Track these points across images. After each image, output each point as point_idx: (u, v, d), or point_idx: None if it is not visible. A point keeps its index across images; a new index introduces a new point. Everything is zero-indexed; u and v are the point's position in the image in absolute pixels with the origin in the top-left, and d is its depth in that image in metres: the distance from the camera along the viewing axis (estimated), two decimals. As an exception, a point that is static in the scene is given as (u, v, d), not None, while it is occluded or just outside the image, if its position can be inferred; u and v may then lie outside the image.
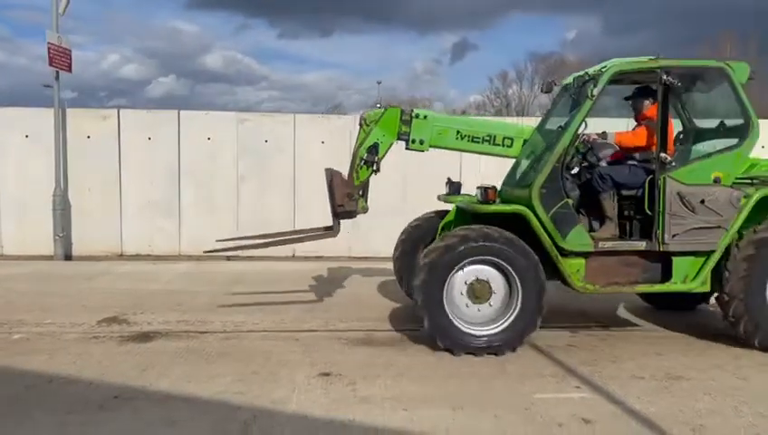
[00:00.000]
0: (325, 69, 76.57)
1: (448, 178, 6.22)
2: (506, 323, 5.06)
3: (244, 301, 7.09)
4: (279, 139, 10.68)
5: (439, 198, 6.30)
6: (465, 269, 5.07)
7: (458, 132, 5.77)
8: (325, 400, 4.08)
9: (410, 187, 10.28)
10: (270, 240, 6.56)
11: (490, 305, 5.12)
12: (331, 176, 5.79)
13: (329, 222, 8.90)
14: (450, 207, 6.27)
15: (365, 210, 5.96)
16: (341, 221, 5.99)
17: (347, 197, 5.75)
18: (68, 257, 10.39)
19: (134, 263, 10.01)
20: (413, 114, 5.75)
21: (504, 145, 5.79)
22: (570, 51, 49.41)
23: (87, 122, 10.52)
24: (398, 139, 5.81)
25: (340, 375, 4.56)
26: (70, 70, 10.45)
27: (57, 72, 10.21)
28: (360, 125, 5.83)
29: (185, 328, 5.88)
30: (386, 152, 5.80)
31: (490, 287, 5.11)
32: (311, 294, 7.56)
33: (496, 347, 5.03)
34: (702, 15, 50.47)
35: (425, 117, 5.78)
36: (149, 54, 63.24)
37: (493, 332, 5.05)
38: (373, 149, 5.71)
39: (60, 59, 10.14)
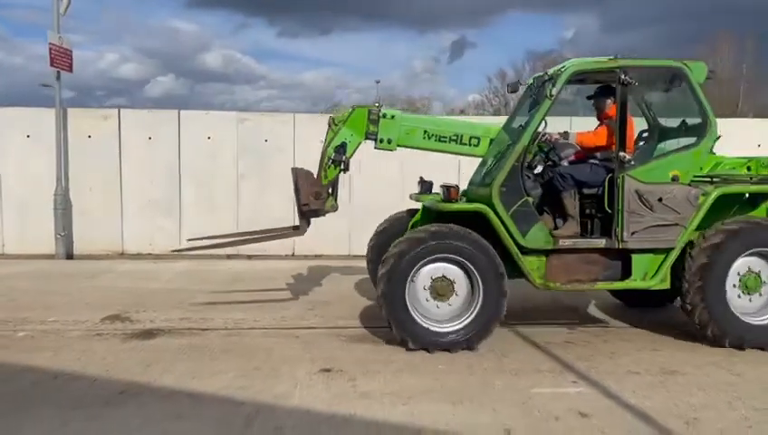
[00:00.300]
0: (324, 68, 76.66)
1: (420, 178, 6.24)
2: (468, 320, 5.12)
3: (245, 299, 7.17)
4: (279, 138, 10.74)
5: (411, 196, 6.34)
6: (428, 267, 5.14)
7: (425, 132, 5.83)
8: (326, 395, 4.16)
9: (409, 186, 10.31)
10: (239, 239, 6.63)
11: (449, 305, 5.19)
12: (297, 175, 5.85)
13: (327, 219, 8.95)
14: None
15: (334, 209, 6.03)
16: (316, 218, 6.09)
17: (312, 196, 5.81)
18: (69, 256, 10.45)
19: (135, 262, 10.08)
20: (380, 114, 5.80)
21: (470, 144, 5.85)
22: (568, 49, 49.41)
23: (88, 122, 10.58)
24: (366, 138, 5.86)
25: (341, 371, 4.64)
26: (71, 70, 10.52)
27: (58, 73, 10.27)
28: (329, 125, 5.89)
29: (187, 325, 5.95)
30: (354, 152, 5.86)
31: (452, 285, 5.18)
32: (310, 292, 7.63)
33: (458, 343, 5.09)
34: (700, 15, 50.67)
35: (392, 117, 5.83)
36: (148, 54, 63.34)
37: (455, 328, 5.11)
38: (341, 148, 5.76)
39: (61, 59, 10.20)
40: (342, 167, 5.80)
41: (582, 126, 6.68)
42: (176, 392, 4.17)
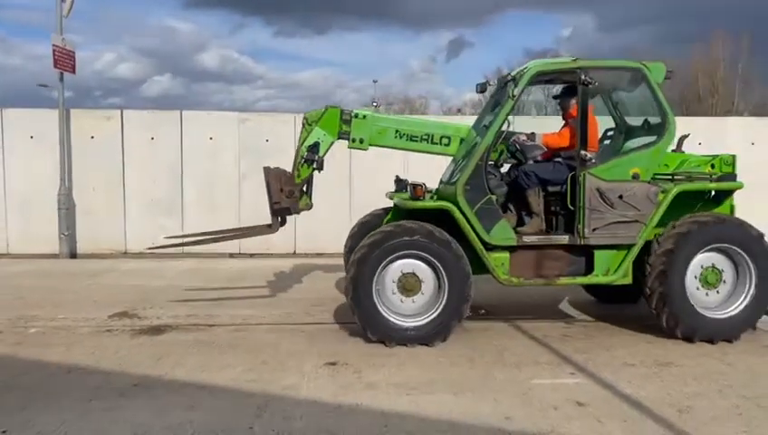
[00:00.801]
0: (321, 67, 76.91)
1: (396, 176, 6.33)
2: (434, 315, 5.27)
3: (250, 295, 7.32)
4: (280, 138, 10.86)
5: (386, 194, 6.46)
6: (396, 263, 5.28)
7: (397, 131, 5.97)
8: (333, 386, 4.31)
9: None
10: (213, 237, 6.74)
11: (414, 302, 5.33)
12: (268, 174, 5.95)
13: (328, 218, 9.14)
14: None
15: (308, 207, 6.17)
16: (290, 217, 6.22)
17: (284, 193, 5.91)
18: (73, 255, 10.58)
19: (138, 260, 10.21)
20: (353, 114, 5.94)
21: (441, 144, 6.00)
22: (565, 48, 49.65)
23: (91, 123, 10.71)
24: (339, 138, 5.99)
25: (347, 364, 4.79)
26: (74, 71, 10.65)
27: (61, 74, 10.40)
28: (303, 124, 6.00)
29: (194, 322, 6.09)
30: (326, 151, 5.98)
31: (419, 281, 5.33)
32: (315, 289, 7.76)
33: (425, 337, 5.24)
34: (695, 14, 50.92)
35: (364, 117, 5.96)
36: (145, 53, 63.44)
37: (421, 323, 5.26)
38: (314, 147, 5.89)
39: (64, 61, 10.33)
40: (315, 166, 5.92)
41: (550, 125, 6.81)
42: (187, 384, 4.32)
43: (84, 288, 7.79)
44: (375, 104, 44.67)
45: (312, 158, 5.87)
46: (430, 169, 6.83)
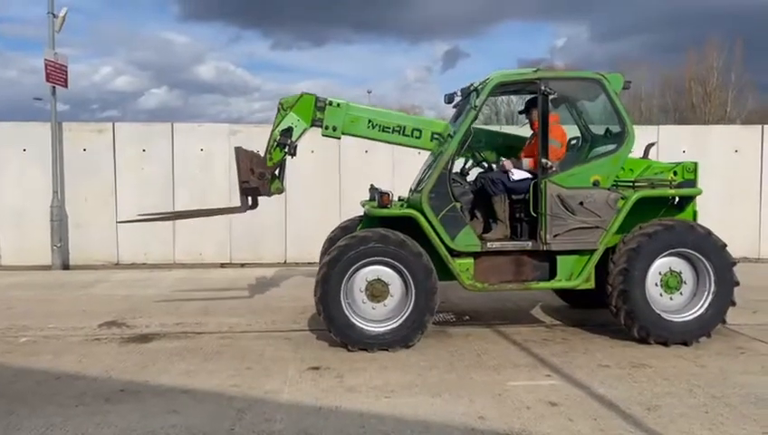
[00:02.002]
0: (317, 78, 77.24)
1: (371, 185, 6.41)
2: (401, 321, 5.40)
3: (238, 305, 7.43)
4: (270, 149, 10.99)
5: (360, 202, 6.57)
6: (365, 269, 5.41)
7: (370, 121, 6.08)
8: (315, 390, 4.42)
9: (400, 191, 10.62)
10: (181, 212, 6.80)
11: (385, 305, 5.46)
12: (238, 154, 6.01)
13: (319, 228, 9.24)
14: None
15: (279, 191, 6.29)
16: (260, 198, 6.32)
17: (254, 175, 5.99)
18: (65, 267, 10.68)
19: (130, 271, 10.31)
20: (327, 102, 6.05)
21: (413, 136, 6.11)
22: (559, 57, 50.18)
23: (83, 135, 10.85)
24: (312, 125, 6.09)
25: (329, 369, 4.90)
26: (66, 85, 10.79)
27: (53, 88, 10.55)
28: (278, 109, 6.09)
29: (182, 330, 6.20)
30: (300, 137, 6.08)
31: (387, 287, 5.45)
32: (302, 296, 7.84)
33: (391, 342, 5.36)
34: (687, 23, 51.59)
35: (338, 105, 6.07)
36: (142, 66, 63.76)
37: (388, 328, 5.39)
38: (287, 132, 5.99)
39: (56, 75, 10.48)
40: (287, 150, 6.02)
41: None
42: (172, 390, 4.43)
43: (75, 299, 7.89)
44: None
45: (284, 142, 5.97)
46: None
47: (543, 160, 5.53)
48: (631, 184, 5.72)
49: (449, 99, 6.19)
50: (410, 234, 5.42)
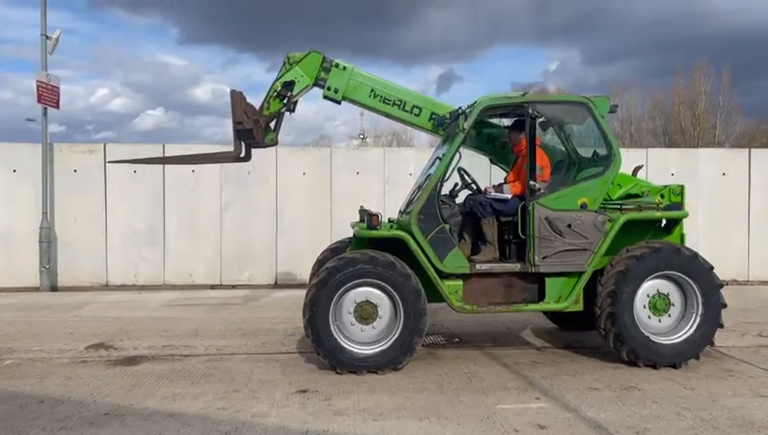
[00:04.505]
0: (313, 101, 77.75)
1: (361, 207, 6.36)
2: (390, 343, 5.38)
3: (228, 327, 7.37)
4: (262, 170, 11.02)
5: (351, 224, 6.54)
6: (354, 291, 5.39)
7: (372, 90, 6.13)
8: (302, 413, 4.38)
9: (390, 212, 10.64)
10: (171, 157, 6.74)
11: (374, 327, 5.43)
12: (234, 97, 5.95)
13: (308, 249, 9.14)
14: None
15: (273, 142, 6.28)
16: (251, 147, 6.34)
17: (247, 116, 5.92)
18: (54, 288, 10.59)
19: (119, 292, 10.24)
20: (333, 63, 6.09)
21: (412, 112, 6.16)
22: (551, 81, 50.71)
23: (74, 157, 10.82)
24: (315, 84, 6.11)
25: (317, 392, 4.86)
26: (57, 106, 10.80)
27: (45, 109, 10.55)
28: (284, 63, 6.11)
29: (170, 352, 6.14)
30: (300, 93, 6.08)
31: (376, 309, 5.43)
32: (292, 318, 7.81)
33: (380, 365, 5.33)
34: (676, 47, 52.35)
35: (344, 68, 6.10)
36: (138, 88, 63.86)
37: (377, 350, 5.37)
38: (289, 84, 6.00)
39: (48, 96, 10.49)
40: (286, 102, 6.02)
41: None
42: (158, 413, 4.37)
43: (62, 321, 7.81)
44: (362, 136, 45.13)
45: (284, 93, 5.97)
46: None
47: (531, 183, 5.56)
48: (619, 207, 5.77)
49: (438, 122, 6.24)
50: (400, 255, 5.42)
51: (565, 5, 59.92)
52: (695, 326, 5.51)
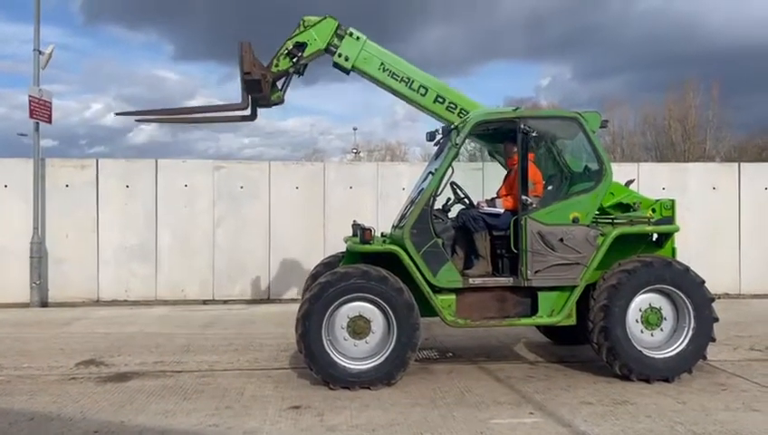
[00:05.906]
0: (306, 115, 77.84)
1: (354, 221, 6.39)
2: (383, 358, 5.35)
3: (220, 342, 7.33)
4: (254, 185, 11.04)
5: (344, 239, 6.55)
6: (346, 305, 5.37)
7: (383, 64, 6.22)
8: (294, 429, 4.35)
9: (383, 226, 10.65)
10: (177, 109, 6.79)
11: (367, 342, 5.41)
12: (242, 47, 5.92)
13: (301, 263, 9.06)
14: None
15: (279, 100, 6.34)
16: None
17: (255, 67, 5.92)
18: (44, 304, 10.50)
19: (111, 308, 10.16)
20: (348, 31, 6.17)
21: (418, 92, 6.24)
22: (544, 96, 51.14)
23: (66, 172, 10.79)
24: (327, 49, 6.17)
25: (310, 407, 4.84)
26: (50, 121, 10.78)
27: (37, 124, 10.53)
28: (298, 25, 6.17)
29: (161, 368, 6.10)
30: (311, 56, 6.16)
31: (369, 323, 5.42)
32: (284, 334, 7.77)
33: (373, 380, 5.31)
34: (667, 63, 52.88)
35: (357, 38, 6.17)
36: (132, 102, 63.56)
37: (370, 365, 5.35)
38: (301, 45, 6.07)
39: (40, 111, 10.48)
40: (296, 62, 6.07)
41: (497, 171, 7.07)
42: (149, 430, 4.34)
43: (53, 337, 7.74)
44: (355, 151, 45.24)
45: (295, 53, 6.03)
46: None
47: (524, 197, 5.59)
48: (610, 221, 5.79)
49: (431, 136, 6.27)
50: (392, 270, 5.42)
51: (558, 22, 60.56)
52: (687, 340, 5.52)
